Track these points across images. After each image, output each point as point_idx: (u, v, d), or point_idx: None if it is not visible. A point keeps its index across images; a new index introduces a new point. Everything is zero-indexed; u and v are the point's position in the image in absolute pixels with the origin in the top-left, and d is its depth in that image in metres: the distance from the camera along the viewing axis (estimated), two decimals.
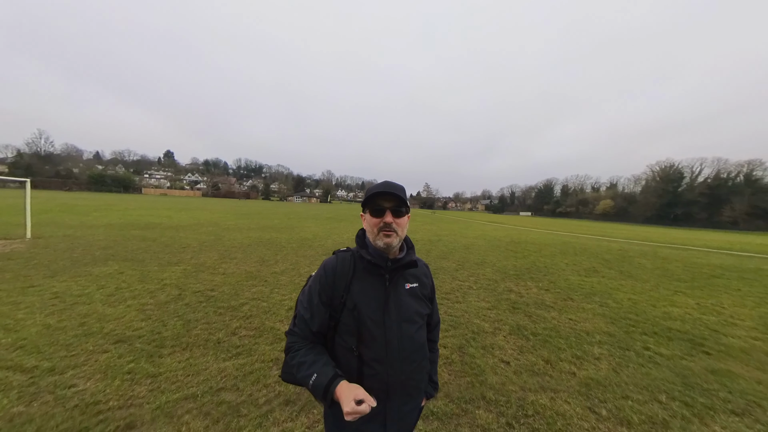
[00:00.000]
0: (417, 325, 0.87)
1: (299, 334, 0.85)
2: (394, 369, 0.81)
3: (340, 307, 0.83)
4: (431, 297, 0.97)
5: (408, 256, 0.89)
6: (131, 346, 2.22)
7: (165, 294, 3.45)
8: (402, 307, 0.84)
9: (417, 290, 0.90)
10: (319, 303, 0.83)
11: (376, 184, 0.85)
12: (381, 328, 0.81)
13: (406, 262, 0.86)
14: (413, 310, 0.87)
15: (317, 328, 0.84)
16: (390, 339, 0.81)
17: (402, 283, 0.87)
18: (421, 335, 0.88)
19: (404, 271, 0.88)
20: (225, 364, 2.05)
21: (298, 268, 5.11)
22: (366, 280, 0.85)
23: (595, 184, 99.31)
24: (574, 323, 3.12)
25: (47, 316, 2.70)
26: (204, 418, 1.56)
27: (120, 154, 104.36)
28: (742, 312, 3.73)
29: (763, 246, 14.04)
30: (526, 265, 6.27)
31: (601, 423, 1.66)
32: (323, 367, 0.77)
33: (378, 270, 0.84)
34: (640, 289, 4.62)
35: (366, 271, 0.85)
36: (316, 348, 0.84)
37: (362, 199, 0.88)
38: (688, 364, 2.34)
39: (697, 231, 34.19)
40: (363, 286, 0.84)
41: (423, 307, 0.91)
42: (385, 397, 0.79)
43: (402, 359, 0.81)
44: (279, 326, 2.73)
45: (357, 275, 0.85)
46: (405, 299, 0.86)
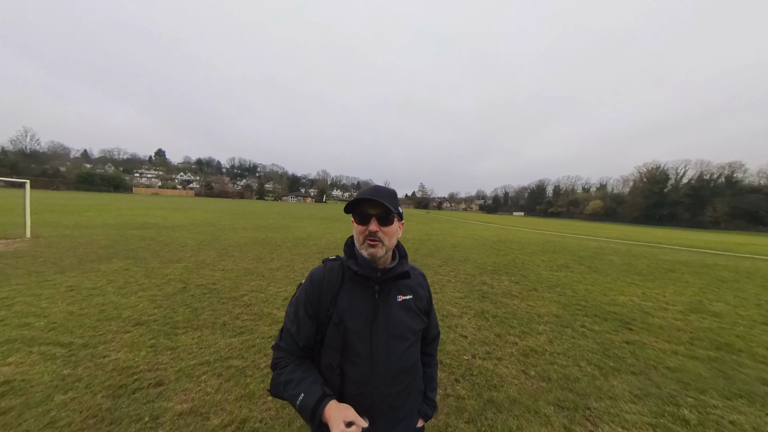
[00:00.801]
0: (408, 342, 0.81)
1: (286, 348, 0.80)
2: (379, 390, 0.75)
3: (326, 320, 0.78)
4: (428, 309, 0.90)
5: (400, 266, 0.83)
6: (149, 328, 2.61)
7: (171, 287, 3.82)
8: (392, 321, 0.79)
9: (411, 303, 0.84)
10: (305, 316, 0.79)
11: (364, 189, 0.81)
12: (367, 345, 0.75)
13: (398, 273, 0.80)
14: (405, 326, 0.81)
15: (304, 342, 0.79)
16: (376, 357, 0.75)
17: (394, 295, 0.81)
18: (412, 353, 0.82)
19: (396, 282, 0.82)
20: (231, 340, 2.47)
21: (293, 265, 5.50)
22: (354, 292, 0.79)
23: (585, 184, 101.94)
24: (531, 308, 3.64)
25: (68, 305, 3.06)
26: (217, 378, 1.98)
27: (109, 153, 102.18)
28: (677, 299, 4.31)
29: (734, 245, 14.98)
30: (504, 262, 6.80)
31: (528, 380, 2.14)
32: (311, 386, 0.74)
33: (366, 281, 0.79)
34: (599, 282, 5.19)
35: (354, 282, 0.80)
36: (304, 364, 0.80)
37: None
38: (611, 337, 2.87)
39: (679, 231, 35.68)
40: (350, 299, 0.78)
41: (417, 322, 0.84)
42: (370, 420, 0.73)
43: (389, 379, 0.76)
44: (276, 312, 3.15)
45: (345, 286, 0.80)
46: (396, 313, 0.80)
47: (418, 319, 0.85)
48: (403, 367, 0.79)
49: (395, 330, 0.78)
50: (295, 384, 0.74)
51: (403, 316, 0.81)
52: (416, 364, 0.84)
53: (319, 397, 0.71)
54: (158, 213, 15.44)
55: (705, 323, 3.38)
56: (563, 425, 1.69)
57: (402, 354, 0.78)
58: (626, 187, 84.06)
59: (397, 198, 0.82)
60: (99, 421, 1.53)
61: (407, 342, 0.80)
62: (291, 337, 0.80)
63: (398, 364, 0.78)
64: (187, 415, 1.61)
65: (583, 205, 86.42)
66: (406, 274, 0.82)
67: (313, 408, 0.69)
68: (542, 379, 2.15)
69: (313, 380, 0.75)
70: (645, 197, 73.13)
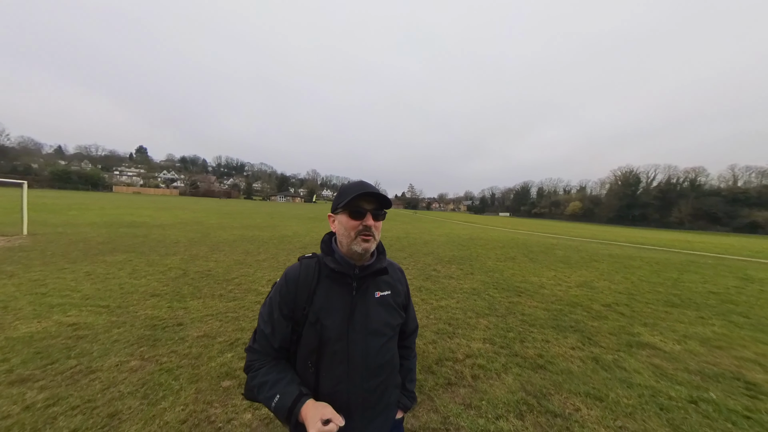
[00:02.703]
0: (386, 338, 0.82)
1: (259, 350, 0.80)
2: (356, 386, 0.76)
3: (302, 319, 0.77)
4: (406, 304, 0.92)
5: (378, 262, 0.84)
6: (163, 298, 3.49)
7: (173, 273, 4.65)
8: (369, 318, 0.79)
9: (389, 298, 0.85)
10: (279, 316, 0.78)
11: (351, 183, 0.81)
12: (344, 342, 0.76)
13: (376, 269, 0.81)
14: (382, 321, 0.81)
15: (279, 343, 0.79)
16: (352, 354, 0.76)
17: (372, 292, 0.82)
18: (389, 348, 0.83)
19: (375, 279, 0.83)
20: (227, 304, 3.40)
21: (278, 257, 6.39)
22: (331, 290, 0.79)
23: (566, 186, 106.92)
24: (460, 285, 4.75)
25: (92, 284, 3.86)
26: (219, 321, 2.92)
27: (86, 149, 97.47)
28: (576, 279, 5.56)
29: (677, 242, 16.97)
30: (462, 255, 7.95)
31: (427, 320, 3.21)
32: (287, 386, 0.73)
33: (344, 279, 0.79)
34: (528, 269, 6.40)
35: (331, 279, 0.80)
36: (279, 365, 0.79)
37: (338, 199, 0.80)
38: (501, 299, 4.04)
39: (644, 230, 38.69)
40: (327, 297, 0.78)
41: (394, 317, 0.85)
42: (346, 416, 0.73)
43: (365, 375, 0.77)
44: (261, 289, 4.07)
45: (321, 284, 0.80)
46: (374, 309, 0.81)
47: (395, 315, 0.86)
48: (380, 362, 0.79)
49: (372, 326, 0.79)
50: (270, 385, 0.74)
51: (380, 312, 0.82)
52: (393, 359, 0.85)
53: (296, 397, 0.71)
54: (144, 212, 15.66)
55: (579, 293, 4.60)
56: (434, 340, 2.78)
57: (379, 349, 0.79)
58: (603, 190, 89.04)
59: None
60: (146, 340, 2.45)
61: (384, 337, 0.81)
62: (265, 339, 0.79)
63: (375, 360, 0.78)
64: (202, 338, 2.55)
65: (563, 206, 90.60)
66: (384, 270, 0.83)
67: (289, 408, 0.69)
68: (437, 320, 3.23)
69: (289, 380, 0.75)
70: (619, 199, 77.81)
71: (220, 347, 2.40)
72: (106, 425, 1.53)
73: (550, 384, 2.05)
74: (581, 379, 2.15)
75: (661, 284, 5.45)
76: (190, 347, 2.37)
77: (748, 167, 65.16)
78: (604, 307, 3.87)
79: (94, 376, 1.94)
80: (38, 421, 1.53)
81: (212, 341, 2.49)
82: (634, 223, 69.67)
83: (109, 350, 2.25)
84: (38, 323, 2.63)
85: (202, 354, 2.28)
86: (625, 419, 1.74)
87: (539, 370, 2.22)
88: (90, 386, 1.83)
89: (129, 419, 1.58)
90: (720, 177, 68.86)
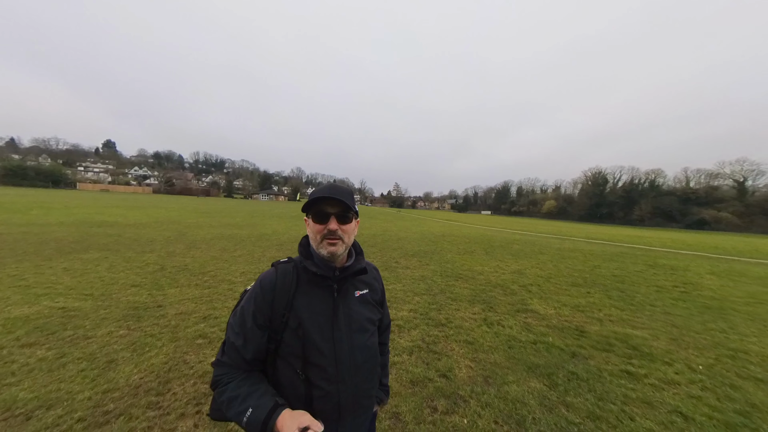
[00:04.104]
0: (369, 333, 0.85)
1: (229, 364, 0.77)
2: (346, 384, 0.78)
3: (281, 327, 0.77)
4: (382, 301, 0.95)
5: (357, 263, 0.86)
6: (143, 287, 3.95)
7: (150, 268, 5.04)
8: (352, 317, 0.82)
9: (368, 296, 0.88)
10: (253, 326, 0.76)
11: (320, 186, 0.82)
12: (330, 343, 0.77)
13: (356, 269, 0.83)
14: (365, 318, 0.84)
15: (252, 355, 0.77)
16: (340, 354, 0.77)
17: (351, 292, 0.84)
18: (372, 342, 0.87)
19: (354, 279, 0.85)
20: (202, 291, 3.93)
21: (253, 253, 6.85)
22: (312, 294, 0.80)
23: (543, 186, 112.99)
24: (412, 273, 5.54)
25: (72, 278, 4.21)
26: (195, 303, 3.46)
27: (44, 143, 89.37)
28: (514, 267, 6.57)
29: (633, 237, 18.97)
30: (427, 249, 8.80)
31: None
32: (260, 399, 0.71)
33: (325, 281, 0.80)
34: (478, 260, 7.35)
35: (311, 283, 0.80)
36: (252, 377, 0.77)
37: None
38: (440, 283, 4.89)
39: (609, 227, 42.23)
40: (308, 301, 0.79)
41: (374, 313, 0.89)
42: (338, 416, 0.76)
43: (354, 372, 0.79)
44: (234, 279, 4.60)
45: (301, 289, 0.80)
46: (355, 308, 0.83)
47: (375, 311, 0.89)
48: (366, 356, 0.82)
49: (356, 324, 0.81)
50: (241, 400, 0.71)
51: (362, 309, 0.84)
52: (377, 352, 0.88)
53: (270, 408, 0.68)
54: (115, 211, 15.17)
55: (507, 278, 5.56)
56: None
57: (364, 344, 0.82)
58: (576, 190, 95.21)
59: (353, 196, 0.84)
60: (131, 317, 2.97)
61: (368, 333, 0.84)
62: (236, 351, 0.76)
63: (362, 355, 0.81)
64: (179, 315, 3.10)
65: (540, 205, 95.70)
66: (363, 270, 0.86)
67: (264, 421, 0.67)
68: (397, 302, 3.97)
69: (263, 392, 0.73)
70: (589, 198, 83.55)
71: (195, 320, 2.97)
72: (107, 367, 2.09)
73: (443, 335, 2.84)
74: (466, 332, 2.96)
75: (580, 270, 6.57)
76: (170, 321, 2.92)
77: (699, 170, 72.62)
78: (520, 287, 4.81)
79: (90, 340, 2.46)
80: (52, 366, 2.06)
81: (188, 317, 3.05)
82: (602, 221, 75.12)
83: (100, 324, 2.76)
84: (29, 308, 3.05)
85: (179, 325, 2.84)
86: (480, 353, 2.56)
87: (440, 327, 3.01)
88: (88, 346, 2.36)
89: (124, 363, 2.15)
90: (675, 178, 76.16)
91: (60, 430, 1.52)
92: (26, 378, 1.92)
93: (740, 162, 65.49)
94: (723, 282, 5.90)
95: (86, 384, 1.90)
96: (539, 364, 2.38)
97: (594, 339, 2.90)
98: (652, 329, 3.22)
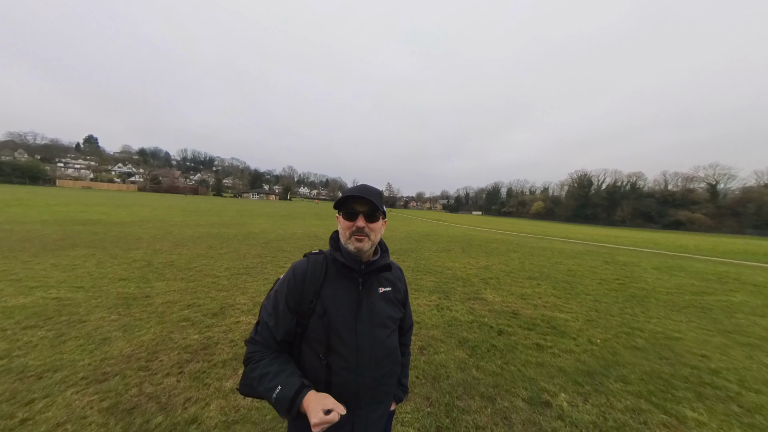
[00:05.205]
0: (389, 330, 0.88)
1: (262, 342, 0.83)
2: (364, 376, 0.81)
3: (308, 312, 0.83)
4: (404, 301, 0.98)
5: (382, 259, 0.91)
6: (131, 281, 4.27)
7: (138, 264, 5.33)
8: (375, 311, 0.86)
9: (390, 294, 0.92)
10: (285, 309, 0.83)
11: (353, 186, 0.87)
12: (352, 334, 0.81)
13: (381, 265, 0.88)
14: (386, 315, 0.88)
15: (282, 335, 0.83)
16: (361, 345, 0.81)
17: (375, 287, 0.89)
18: (393, 340, 0.90)
19: (378, 275, 0.89)
20: (188, 284, 4.28)
21: (239, 251, 7.16)
22: (338, 284, 0.85)
23: (531, 187, 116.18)
24: None
25: (62, 273, 4.48)
26: (182, 294, 3.82)
27: (21, 137, 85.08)
28: (481, 263, 7.17)
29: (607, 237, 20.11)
30: (407, 248, 9.31)
31: None
32: (288, 378, 0.76)
33: (351, 273, 0.85)
34: (452, 257, 7.92)
35: (339, 274, 0.86)
36: (281, 357, 0.83)
37: (336, 198, 0.90)
38: (409, 276, 5.37)
39: (592, 227, 44.00)
40: (335, 291, 0.84)
41: (396, 312, 0.92)
42: (355, 404, 0.80)
43: (373, 366, 0.83)
44: (218, 274, 4.96)
45: (329, 279, 0.85)
46: (378, 303, 0.87)
47: (396, 309, 0.93)
48: (386, 352, 0.86)
49: (377, 319, 0.86)
50: (271, 377, 0.77)
51: (384, 306, 0.89)
52: (397, 350, 0.92)
53: (298, 388, 0.74)
54: (98, 209, 14.97)
55: (472, 272, 6.13)
56: None
57: (384, 340, 0.86)
58: (563, 191, 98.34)
59: (383, 197, 0.91)
60: (121, 305, 3.32)
61: (388, 330, 0.89)
62: (268, 331, 0.83)
63: (381, 351, 0.85)
64: (166, 303, 3.47)
65: (528, 205, 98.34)
66: (388, 266, 0.91)
67: (291, 399, 0.73)
68: None
69: (291, 372, 0.79)
70: (575, 199, 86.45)
71: (180, 307, 3.36)
72: (102, 343, 2.47)
73: None
74: (417, 314, 3.47)
75: (541, 266, 7.23)
76: (157, 308, 3.30)
77: (676, 173, 76.57)
78: (480, 280, 5.38)
79: (84, 323, 2.82)
80: (53, 343, 2.42)
81: (174, 305, 3.43)
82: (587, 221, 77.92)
83: (92, 311, 3.11)
84: (25, 298, 3.35)
85: (166, 311, 3.22)
86: (423, 330, 3.07)
87: None
88: (84, 328, 2.72)
89: (116, 340, 2.54)
90: (655, 181, 79.93)
91: (67, 385, 1.91)
92: (32, 351, 2.28)
93: (713, 166, 69.45)
94: (660, 275, 6.67)
95: (85, 355, 2.28)
96: (469, 338, 2.90)
97: (523, 320, 3.45)
98: (575, 313, 3.81)
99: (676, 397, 2.06)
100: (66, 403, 1.76)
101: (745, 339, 3.15)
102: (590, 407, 1.91)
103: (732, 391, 2.14)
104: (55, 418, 1.64)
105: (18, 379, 1.95)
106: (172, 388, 1.95)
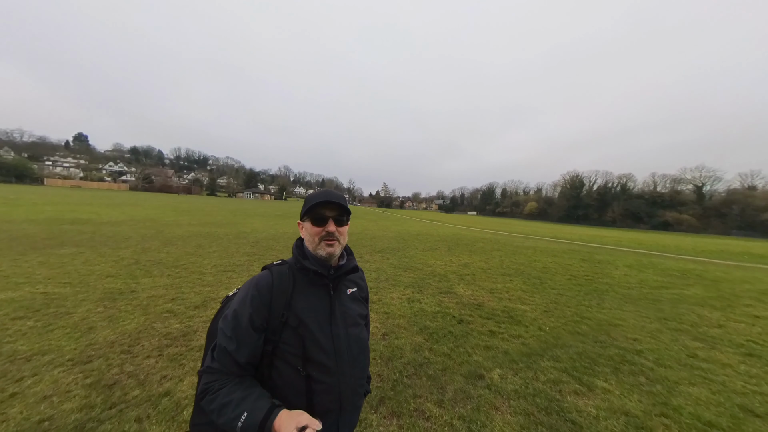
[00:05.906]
0: (360, 327, 0.92)
1: (220, 369, 0.77)
2: (346, 376, 0.83)
3: (279, 327, 0.79)
4: (367, 298, 1.03)
5: (349, 262, 0.93)
6: (118, 278, 4.44)
7: (125, 262, 5.49)
8: (347, 313, 0.88)
9: (357, 294, 0.95)
10: (248, 328, 0.77)
11: (316, 192, 0.88)
12: (329, 339, 0.82)
13: (349, 268, 0.91)
14: (356, 313, 0.92)
15: (246, 358, 0.78)
16: (339, 347, 0.83)
17: (344, 290, 0.91)
18: (364, 334, 0.94)
19: (345, 277, 0.91)
20: (174, 280, 4.48)
21: (228, 249, 7.33)
22: (309, 292, 0.85)
23: (525, 188, 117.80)
24: (370, 265, 6.29)
25: (49, 270, 4.62)
26: (165, 289, 4.02)
27: (7, 134, 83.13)
28: (462, 261, 7.48)
29: (593, 237, 20.70)
30: (395, 246, 9.58)
31: None
32: (256, 402, 0.71)
33: (322, 280, 0.85)
34: (436, 256, 8.22)
35: (309, 283, 0.85)
36: (245, 381, 0.77)
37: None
38: (394, 273, 5.66)
39: (582, 227, 44.91)
40: (307, 299, 0.83)
41: (364, 309, 0.97)
42: (339, 408, 0.80)
43: (352, 364, 0.85)
44: (205, 271, 5.15)
45: (298, 289, 0.84)
46: (348, 304, 0.90)
47: (363, 307, 0.98)
48: (360, 347, 0.89)
49: (350, 319, 0.89)
50: (235, 404, 0.70)
51: (353, 306, 0.92)
52: (368, 344, 0.96)
53: (267, 410, 0.69)
54: (88, 209, 14.86)
55: (451, 269, 6.44)
56: None
57: (359, 336, 0.90)
58: (555, 192, 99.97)
59: (347, 200, 0.93)
60: (107, 299, 3.52)
61: (359, 326, 0.92)
62: (227, 356, 0.77)
63: (357, 347, 0.88)
64: (151, 297, 3.68)
65: (522, 206, 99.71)
66: (356, 268, 0.95)
67: (260, 424, 0.67)
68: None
69: (258, 396, 0.73)
70: (567, 200, 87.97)
71: (164, 301, 3.57)
72: (88, 331, 2.68)
73: (370, 310, 3.61)
74: (388, 306, 3.75)
75: (519, 264, 7.58)
76: (141, 302, 3.50)
77: (665, 175, 78.53)
78: (457, 276, 5.69)
79: (71, 315, 3.01)
80: (41, 331, 2.62)
81: (158, 299, 3.64)
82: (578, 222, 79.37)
83: (79, 305, 3.30)
84: (13, 293, 3.52)
85: (150, 304, 3.43)
86: (390, 319, 3.35)
87: (371, 305, 3.75)
88: (70, 319, 2.92)
89: (101, 329, 2.75)
90: (644, 182, 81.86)
91: (54, 366, 2.13)
92: (21, 338, 2.48)
93: (699, 169, 71.49)
94: (629, 272, 7.08)
95: (71, 341, 2.49)
96: (430, 326, 3.19)
97: (485, 311, 3.76)
98: (535, 305, 4.14)
99: (594, 371, 2.37)
100: (53, 380, 1.98)
101: (677, 325, 3.50)
102: (517, 379, 2.21)
103: (646, 367, 2.46)
104: (42, 392, 1.86)
105: (8, 361, 2.15)
106: (150, 368, 2.18)
